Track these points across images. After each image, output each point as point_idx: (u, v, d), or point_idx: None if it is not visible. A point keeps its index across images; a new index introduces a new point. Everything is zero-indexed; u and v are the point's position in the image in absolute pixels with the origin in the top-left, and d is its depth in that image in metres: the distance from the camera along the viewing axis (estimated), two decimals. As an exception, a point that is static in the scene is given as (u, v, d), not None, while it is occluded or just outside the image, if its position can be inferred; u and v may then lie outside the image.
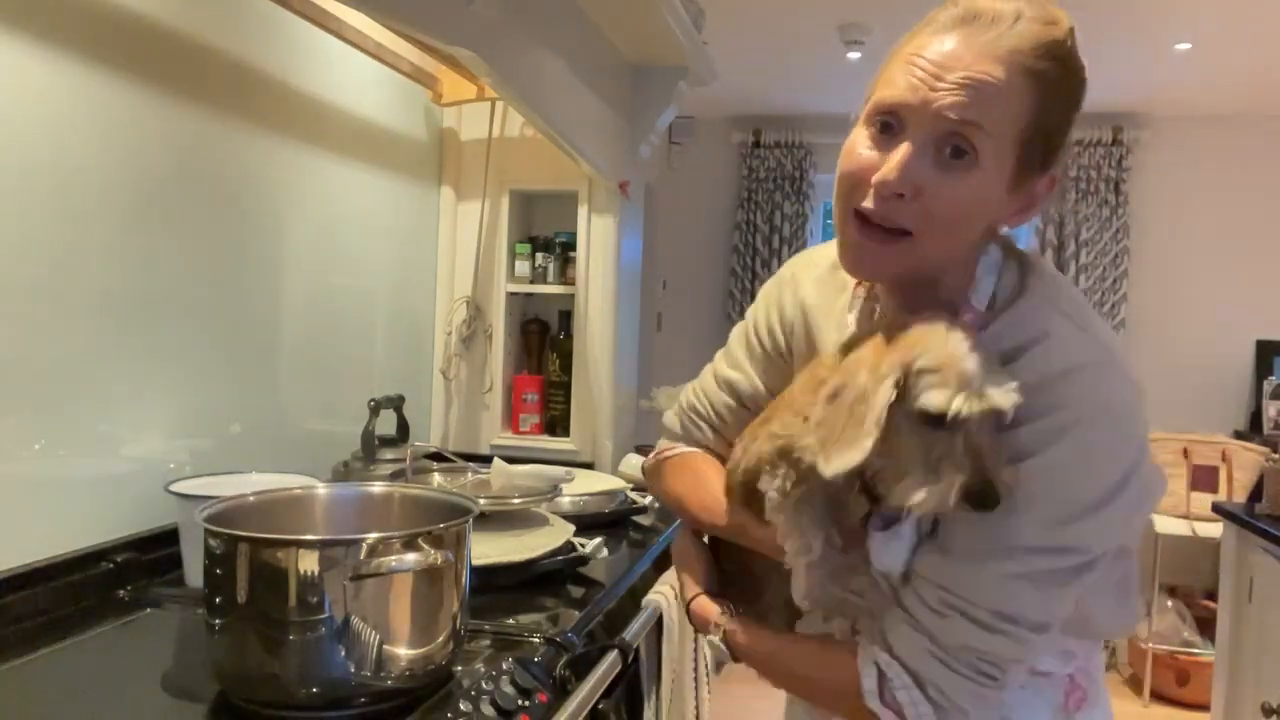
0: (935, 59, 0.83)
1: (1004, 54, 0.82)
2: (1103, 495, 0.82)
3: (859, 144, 0.87)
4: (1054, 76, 0.84)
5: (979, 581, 0.83)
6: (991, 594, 0.82)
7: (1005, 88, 0.82)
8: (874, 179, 0.84)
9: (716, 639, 1.03)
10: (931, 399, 0.79)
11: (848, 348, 0.91)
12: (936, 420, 0.79)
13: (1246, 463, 3.66)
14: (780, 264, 4.68)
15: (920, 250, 0.86)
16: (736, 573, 1.08)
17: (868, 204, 0.85)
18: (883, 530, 0.88)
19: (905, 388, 0.81)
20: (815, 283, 1.06)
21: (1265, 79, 3.56)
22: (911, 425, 0.81)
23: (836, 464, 0.81)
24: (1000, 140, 0.83)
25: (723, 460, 1.10)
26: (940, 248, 0.86)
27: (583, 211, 2.57)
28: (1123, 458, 0.83)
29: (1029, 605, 0.82)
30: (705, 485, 1.09)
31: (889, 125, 0.85)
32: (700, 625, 1.07)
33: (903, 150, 0.83)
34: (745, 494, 0.99)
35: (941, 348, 0.81)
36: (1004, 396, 0.79)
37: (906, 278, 0.90)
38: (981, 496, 0.78)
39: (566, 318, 2.65)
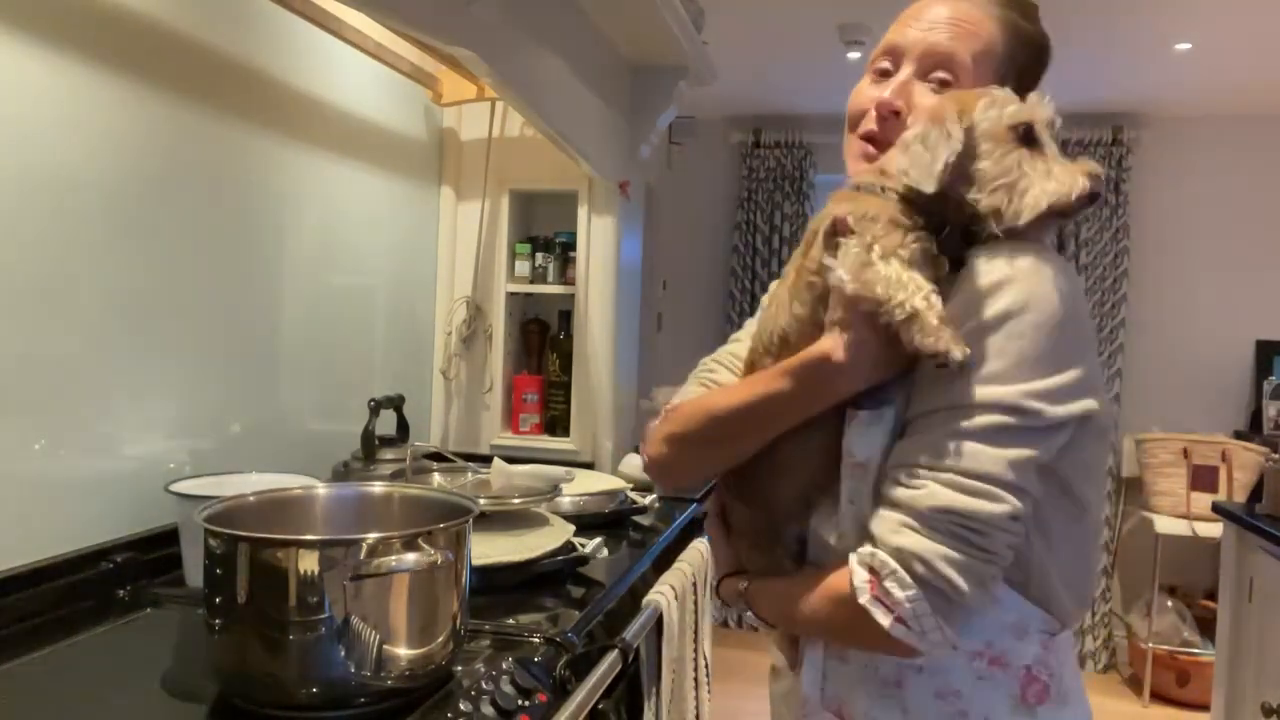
0: (927, 15, 1.03)
1: (983, 6, 1.03)
2: (1054, 359, 0.87)
3: (863, 86, 1.07)
4: (1022, 24, 1.03)
5: (942, 444, 0.86)
6: (957, 455, 0.86)
7: (982, 30, 1.01)
8: (876, 100, 1.02)
9: (748, 613, 1.06)
10: (1010, 109, 0.90)
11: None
12: (1022, 133, 0.89)
13: (1246, 463, 3.66)
14: (780, 264, 4.66)
15: None
16: (749, 524, 1.07)
17: (870, 125, 1.03)
18: (869, 411, 0.91)
19: (973, 116, 0.90)
20: None
21: (1265, 79, 3.56)
22: (1008, 147, 0.89)
23: (938, 172, 0.88)
24: (980, 72, 1.01)
25: None
26: None
27: (583, 211, 2.57)
28: (1076, 335, 0.89)
29: (995, 462, 0.85)
30: (727, 386, 1.07)
31: (886, 70, 1.05)
32: (730, 600, 1.09)
33: (900, 76, 1.03)
34: (779, 344, 0.98)
35: (982, 91, 0.94)
36: (1052, 112, 0.91)
37: None
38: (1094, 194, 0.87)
39: (566, 318, 2.65)
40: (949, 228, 0.91)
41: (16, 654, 1.18)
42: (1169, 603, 3.87)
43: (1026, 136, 0.89)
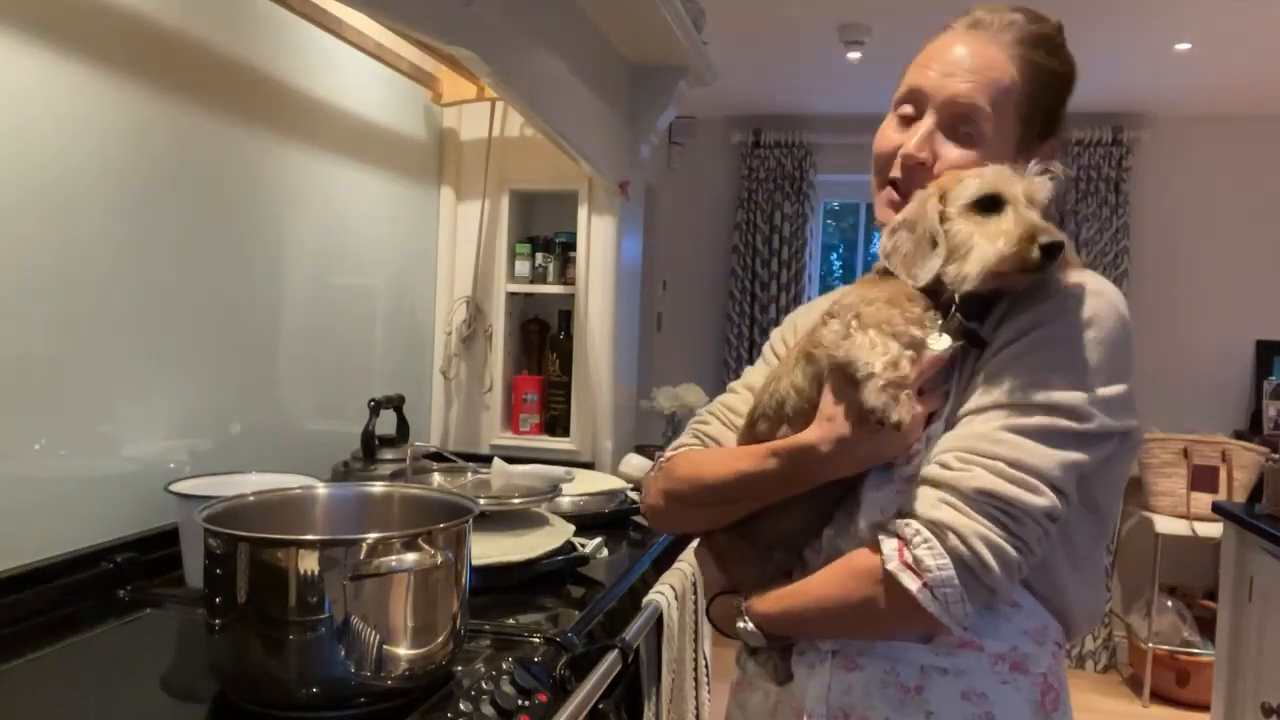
0: (947, 57, 1.02)
1: (1003, 46, 1.01)
2: (1110, 372, 0.90)
3: (887, 129, 1.07)
4: (1045, 62, 1.02)
5: (994, 436, 0.88)
6: (1005, 446, 0.87)
7: (1004, 74, 1.00)
8: (901, 151, 1.03)
9: (748, 625, 1.02)
10: (971, 186, 0.92)
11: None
12: (985, 203, 0.91)
13: (1246, 463, 3.66)
14: (780, 264, 4.65)
15: None
16: (735, 545, 1.07)
17: (896, 173, 1.04)
18: (878, 474, 0.94)
19: (949, 198, 0.93)
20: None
21: (1265, 79, 3.56)
22: (969, 220, 0.92)
23: (924, 273, 0.93)
24: (1002, 116, 1.00)
25: None
26: None
27: (583, 211, 2.57)
28: (1127, 354, 0.92)
29: (1041, 458, 0.87)
30: (720, 452, 1.09)
31: (908, 115, 1.04)
32: (724, 621, 1.07)
33: (923, 126, 1.02)
34: (775, 410, 1.01)
35: (986, 168, 0.95)
36: (1041, 184, 0.92)
37: None
38: (1048, 248, 0.87)
39: (566, 318, 2.65)
40: (954, 308, 0.93)
41: (16, 654, 1.18)
42: (1169, 603, 3.87)
43: (990, 204, 0.91)
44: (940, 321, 0.92)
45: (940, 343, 0.92)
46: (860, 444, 0.91)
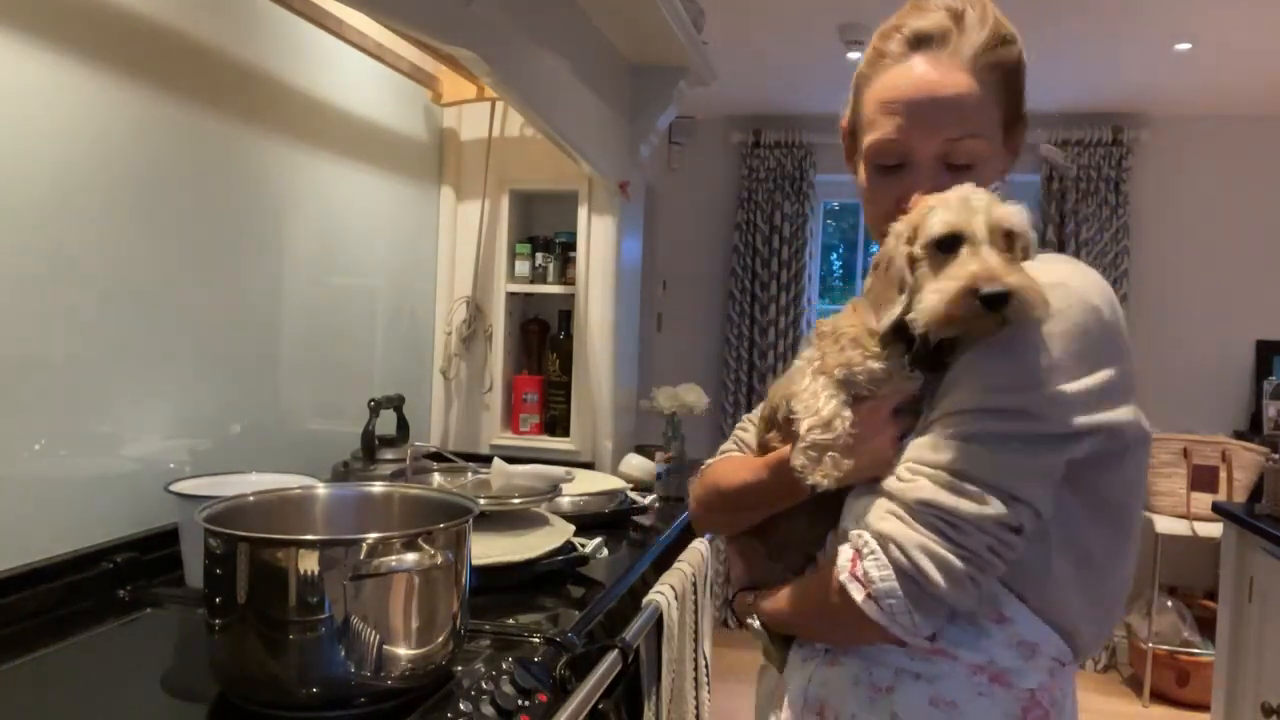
0: (909, 92, 0.94)
1: (967, 63, 0.93)
2: (1067, 364, 0.85)
3: (874, 189, 1.00)
4: (1009, 57, 0.96)
5: (941, 444, 0.87)
6: (950, 455, 0.86)
7: (983, 99, 0.94)
8: (904, 202, 0.95)
9: (755, 622, 1.08)
10: (934, 224, 0.87)
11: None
12: (945, 243, 0.86)
13: (1246, 463, 3.66)
14: (780, 264, 4.64)
15: None
16: (751, 545, 1.13)
17: None
18: (862, 487, 0.94)
19: (918, 234, 0.89)
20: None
21: (1265, 79, 3.56)
22: (931, 261, 0.88)
23: (885, 319, 0.90)
24: (990, 131, 0.95)
25: None
26: None
27: (583, 211, 2.57)
28: (1101, 345, 0.87)
29: (985, 466, 0.85)
30: (735, 461, 1.14)
31: (891, 165, 0.97)
32: (743, 613, 1.12)
33: (923, 178, 0.95)
34: (770, 415, 1.05)
35: (952, 193, 0.90)
36: (1008, 212, 0.87)
37: None
38: (988, 298, 0.82)
39: (566, 318, 2.65)
40: (916, 344, 0.90)
41: (16, 654, 1.18)
42: (1169, 603, 3.87)
43: (950, 244, 0.87)
44: (907, 356, 0.91)
45: (910, 383, 0.91)
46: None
